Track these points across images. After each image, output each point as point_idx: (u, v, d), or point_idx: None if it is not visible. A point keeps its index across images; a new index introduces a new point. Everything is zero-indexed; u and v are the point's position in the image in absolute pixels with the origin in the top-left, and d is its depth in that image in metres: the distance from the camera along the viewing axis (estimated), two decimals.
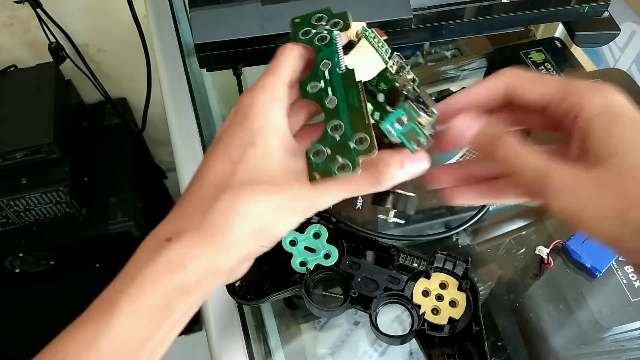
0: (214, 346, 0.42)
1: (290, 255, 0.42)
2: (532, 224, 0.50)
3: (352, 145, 0.29)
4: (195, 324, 1.31)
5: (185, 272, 0.26)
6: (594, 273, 0.46)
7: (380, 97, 0.33)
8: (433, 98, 0.32)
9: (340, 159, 0.29)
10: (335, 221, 0.44)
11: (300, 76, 0.32)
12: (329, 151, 0.29)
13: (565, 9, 0.55)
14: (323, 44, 0.33)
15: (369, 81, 0.33)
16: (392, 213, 0.43)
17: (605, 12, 0.56)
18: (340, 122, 0.30)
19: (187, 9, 0.57)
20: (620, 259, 0.46)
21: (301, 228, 0.43)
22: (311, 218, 0.43)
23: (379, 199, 0.38)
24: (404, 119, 0.31)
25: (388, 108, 0.32)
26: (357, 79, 0.31)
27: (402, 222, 0.41)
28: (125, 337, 0.26)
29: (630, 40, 0.64)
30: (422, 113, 0.31)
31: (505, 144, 0.29)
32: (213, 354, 0.42)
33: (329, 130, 0.30)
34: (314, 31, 0.33)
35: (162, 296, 0.26)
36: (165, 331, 0.27)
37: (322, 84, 0.31)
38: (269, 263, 0.42)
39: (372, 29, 0.34)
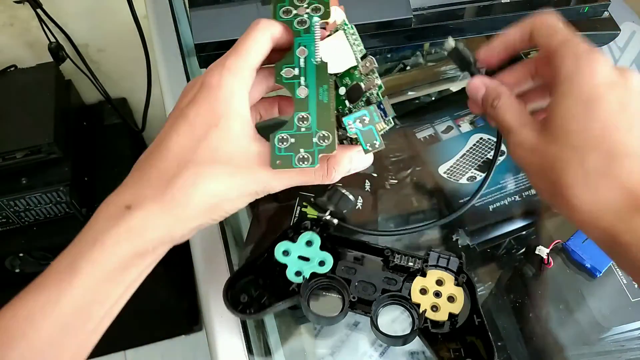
0: (214, 346, 0.42)
1: (285, 266, 0.41)
2: (532, 224, 0.50)
3: (315, 140, 0.31)
4: (195, 324, 1.31)
5: (144, 240, 0.29)
6: (594, 273, 0.46)
7: (341, 90, 0.35)
8: (392, 107, 0.34)
9: (302, 152, 0.31)
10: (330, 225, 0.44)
11: (267, 56, 0.33)
12: (292, 140, 0.31)
13: (565, 9, 0.55)
14: (302, 28, 0.34)
15: (335, 72, 0.34)
16: (327, 212, 0.44)
17: (605, 12, 0.56)
18: (307, 114, 0.32)
19: (187, 9, 0.57)
20: None
21: (293, 237, 0.43)
22: (302, 227, 0.43)
23: (320, 192, 0.43)
24: (366, 119, 0.33)
25: (346, 102, 0.35)
26: (329, 75, 0.33)
27: (336, 222, 0.43)
28: (85, 297, 0.28)
29: (630, 40, 0.64)
30: (381, 120, 0.33)
31: (498, 105, 0.35)
32: (213, 354, 0.42)
33: (295, 120, 0.32)
34: (294, 12, 0.34)
35: (121, 260, 0.28)
36: (121, 292, 0.30)
37: (297, 71, 0.33)
38: (265, 275, 0.42)
39: (352, 25, 0.35)
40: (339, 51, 0.34)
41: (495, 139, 0.55)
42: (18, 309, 0.28)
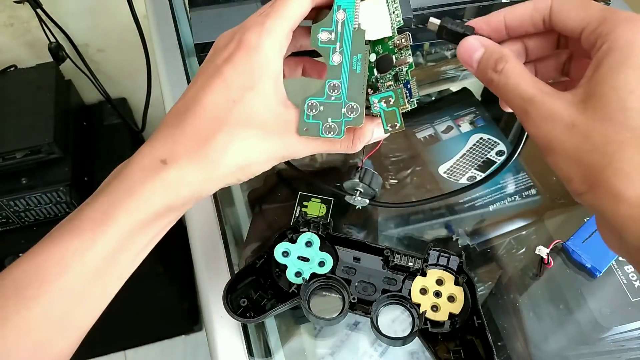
0: (214, 346, 0.42)
1: (285, 267, 0.41)
2: (532, 224, 0.50)
3: (343, 110, 0.31)
4: (195, 324, 1.31)
5: (177, 194, 0.30)
6: (594, 273, 0.46)
7: (372, 57, 0.34)
8: (419, 93, 0.34)
9: (329, 121, 0.31)
10: (327, 228, 0.44)
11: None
12: (321, 108, 0.31)
13: None
14: None
15: (368, 39, 0.33)
16: (357, 192, 0.44)
17: None
18: (339, 82, 0.32)
19: (187, 9, 0.57)
20: (620, 259, 0.46)
21: (292, 238, 0.43)
22: (300, 227, 0.43)
23: (348, 173, 0.42)
24: (392, 100, 0.33)
25: (374, 70, 0.34)
26: (365, 44, 0.32)
27: (367, 202, 0.42)
28: (117, 244, 0.29)
29: None
30: (406, 101, 0.33)
31: (505, 69, 0.29)
32: (213, 354, 0.42)
33: (326, 88, 0.32)
34: None
35: (154, 212, 0.29)
36: (146, 242, 0.31)
37: (333, 35, 0.32)
38: (264, 277, 0.42)
39: None
40: (377, 17, 0.33)
41: (495, 139, 0.55)
42: (51, 251, 0.28)
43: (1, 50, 1.00)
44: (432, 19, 0.32)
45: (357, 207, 0.47)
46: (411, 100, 0.33)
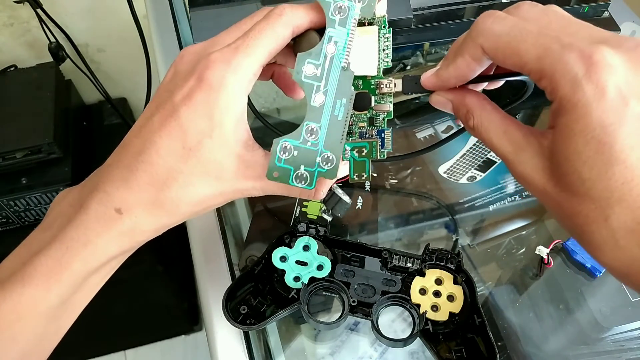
0: (214, 346, 0.42)
1: (283, 272, 0.41)
2: (532, 224, 0.50)
3: (318, 159, 0.29)
4: (195, 324, 1.31)
5: (132, 241, 0.30)
6: (594, 273, 0.46)
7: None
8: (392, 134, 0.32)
9: (302, 169, 0.29)
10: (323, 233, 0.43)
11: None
12: (295, 153, 0.29)
13: (565, 8, 0.55)
14: (338, 17, 0.29)
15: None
16: (322, 210, 0.44)
17: (605, 12, 0.56)
18: (318, 126, 0.29)
19: (187, 9, 0.57)
20: None
21: (290, 242, 0.42)
22: (298, 231, 0.43)
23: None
24: (364, 151, 0.31)
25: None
26: (351, 88, 0.29)
27: (329, 219, 0.42)
28: (71, 290, 0.29)
29: None
30: (379, 153, 0.31)
31: (474, 126, 0.28)
32: (213, 354, 0.42)
33: (303, 131, 0.29)
34: None
35: (108, 258, 0.30)
36: (100, 280, 0.31)
37: (319, 71, 0.29)
38: (263, 283, 0.42)
39: (390, 28, 0.31)
40: (364, 51, 0.30)
41: None
42: (5, 299, 0.28)
43: (1, 50, 1.00)
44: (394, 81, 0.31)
45: (357, 207, 0.47)
46: (382, 150, 0.31)
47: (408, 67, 0.63)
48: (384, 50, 0.30)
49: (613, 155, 0.23)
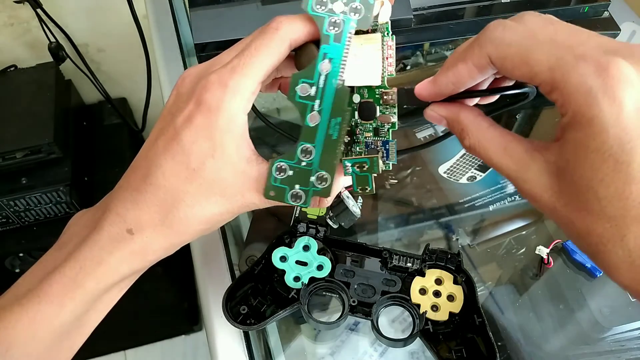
0: (214, 346, 0.42)
1: (283, 272, 0.41)
2: (532, 224, 0.50)
3: (312, 179, 0.30)
4: (195, 324, 1.31)
5: (144, 260, 0.31)
6: (594, 273, 0.46)
7: (356, 98, 0.31)
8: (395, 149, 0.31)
9: (297, 188, 0.30)
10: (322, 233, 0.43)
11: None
12: (290, 173, 0.30)
13: (565, 8, 0.55)
14: (333, 33, 0.28)
15: (351, 85, 0.30)
16: (328, 217, 0.42)
17: (605, 12, 0.56)
18: (312, 146, 0.29)
19: (187, 9, 0.57)
20: None
21: (290, 242, 0.42)
22: (298, 231, 0.43)
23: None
24: (365, 166, 0.31)
25: (356, 113, 0.31)
26: (353, 99, 0.30)
27: (335, 226, 0.41)
28: (85, 308, 0.30)
29: (630, 40, 0.64)
30: (381, 165, 0.31)
31: (471, 146, 0.27)
32: (213, 354, 0.42)
33: (298, 152, 0.30)
34: (330, 6, 0.28)
35: (121, 277, 0.31)
36: (113, 297, 0.32)
37: (313, 90, 0.29)
38: (263, 283, 0.42)
39: (393, 35, 0.30)
40: (366, 60, 0.29)
41: None
42: (20, 315, 0.29)
43: (1, 50, 1.00)
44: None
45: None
46: (387, 162, 0.31)
47: (408, 67, 0.63)
48: (387, 58, 0.30)
49: (630, 174, 0.22)
